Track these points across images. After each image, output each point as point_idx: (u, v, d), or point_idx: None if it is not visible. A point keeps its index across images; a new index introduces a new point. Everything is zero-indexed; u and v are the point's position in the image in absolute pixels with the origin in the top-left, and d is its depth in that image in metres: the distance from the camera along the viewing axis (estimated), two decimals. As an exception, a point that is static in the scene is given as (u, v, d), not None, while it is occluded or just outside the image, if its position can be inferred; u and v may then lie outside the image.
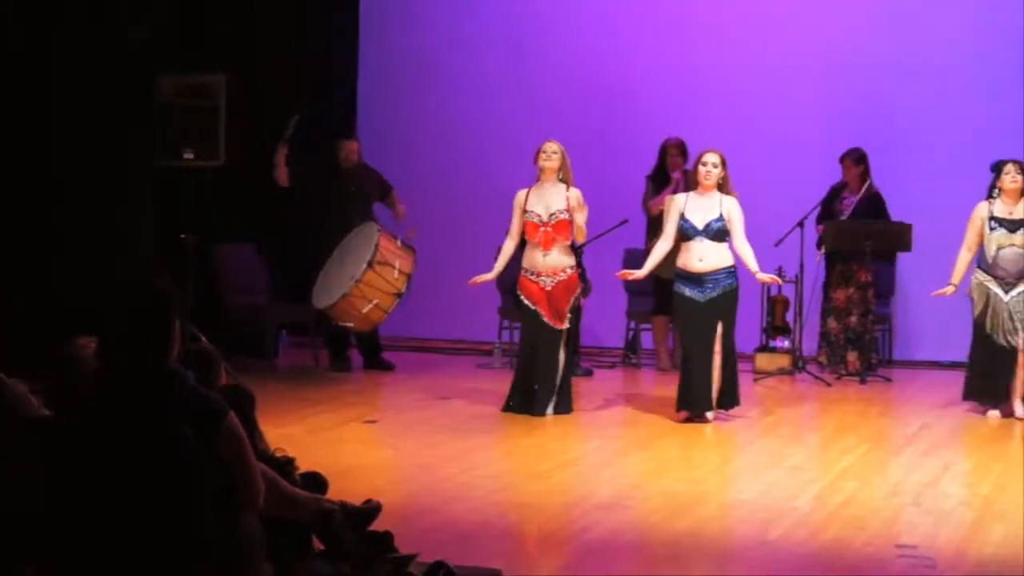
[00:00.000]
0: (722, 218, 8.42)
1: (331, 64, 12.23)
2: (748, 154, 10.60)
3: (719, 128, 11.09)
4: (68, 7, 8.92)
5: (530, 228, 8.70)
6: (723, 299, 8.44)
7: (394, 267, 9.64)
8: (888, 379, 10.49)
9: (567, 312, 8.71)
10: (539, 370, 8.68)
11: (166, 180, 9.57)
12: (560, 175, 8.72)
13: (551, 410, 8.67)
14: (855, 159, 10.69)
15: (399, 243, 9.79)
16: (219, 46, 10.63)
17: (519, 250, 8.87)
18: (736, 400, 8.61)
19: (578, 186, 8.80)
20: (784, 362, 10.67)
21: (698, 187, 8.55)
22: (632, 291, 11.02)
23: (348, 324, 9.83)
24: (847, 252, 10.55)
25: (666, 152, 10.75)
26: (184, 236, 9.39)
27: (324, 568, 4.63)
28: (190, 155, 9.29)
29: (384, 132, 12.04)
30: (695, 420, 8.47)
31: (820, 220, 10.73)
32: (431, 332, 11.96)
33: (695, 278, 8.46)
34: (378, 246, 9.62)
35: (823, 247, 10.59)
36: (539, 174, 8.76)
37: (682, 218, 8.47)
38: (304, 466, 4.93)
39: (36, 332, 6.93)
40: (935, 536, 5.86)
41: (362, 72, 12.39)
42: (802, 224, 10.57)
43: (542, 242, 8.67)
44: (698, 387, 8.45)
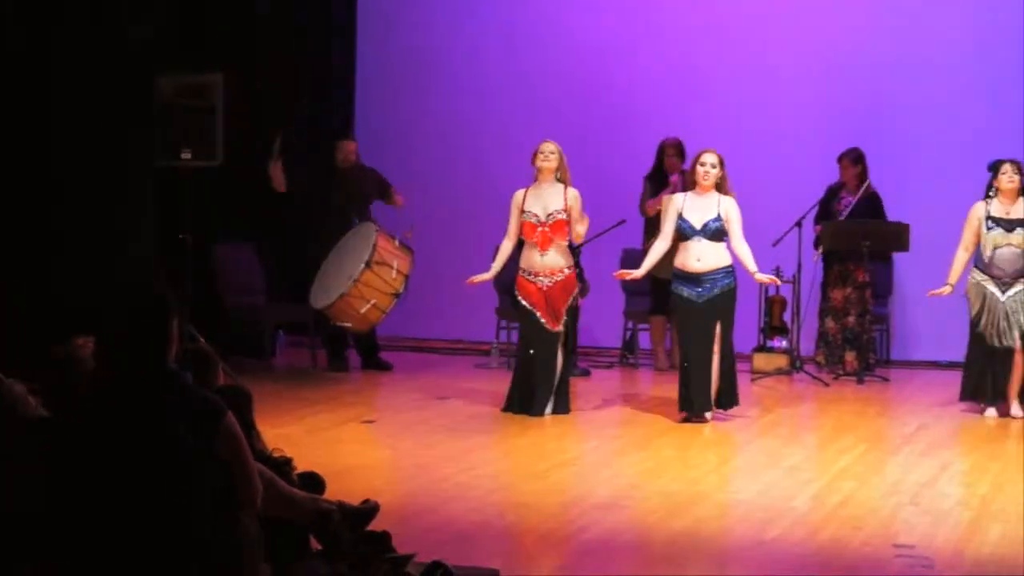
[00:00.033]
0: (720, 218, 8.42)
1: (329, 64, 12.23)
2: (746, 154, 10.60)
3: (717, 128, 11.11)
4: (68, 7, 8.91)
5: (528, 228, 8.70)
6: (721, 299, 8.44)
7: (392, 267, 9.64)
8: (886, 379, 10.50)
9: (563, 313, 8.71)
10: (537, 371, 8.68)
11: (164, 180, 9.56)
12: (558, 175, 8.73)
13: (549, 410, 8.67)
14: (853, 159, 10.69)
15: (397, 243, 9.80)
16: (217, 46, 10.62)
17: (517, 250, 8.88)
18: (735, 400, 8.62)
19: (576, 186, 8.80)
20: (782, 362, 10.67)
21: (696, 187, 8.55)
22: (629, 291, 11.02)
23: (346, 324, 9.82)
24: (844, 252, 10.56)
25: (663, 152, 10.76)
26: (182, 236, 9.39)
27: (322, 568, 4.64)
28: (188, 155, 9.28)
29: (382, 132, 12.04)
30: (694, 420, 8.47)
31: (818, 220, 10.74)
32: (429, 332, 11.96)
33: (693, 278, 8.46)
34: (376, 246, 9.62)
35: (821, 247, 10.60)
36: (537, 174, 8.76)
37: (680, 218, 8.48)
38: (302, 466, 4.93)
39: (35, 332, 6.92)
40: (933, 536, 5.86)
41: (360, 72, 12.39)
42: (800, 224, 10.57)
43: (539, 242, 8.67)
44: (697, 388, 8.45)
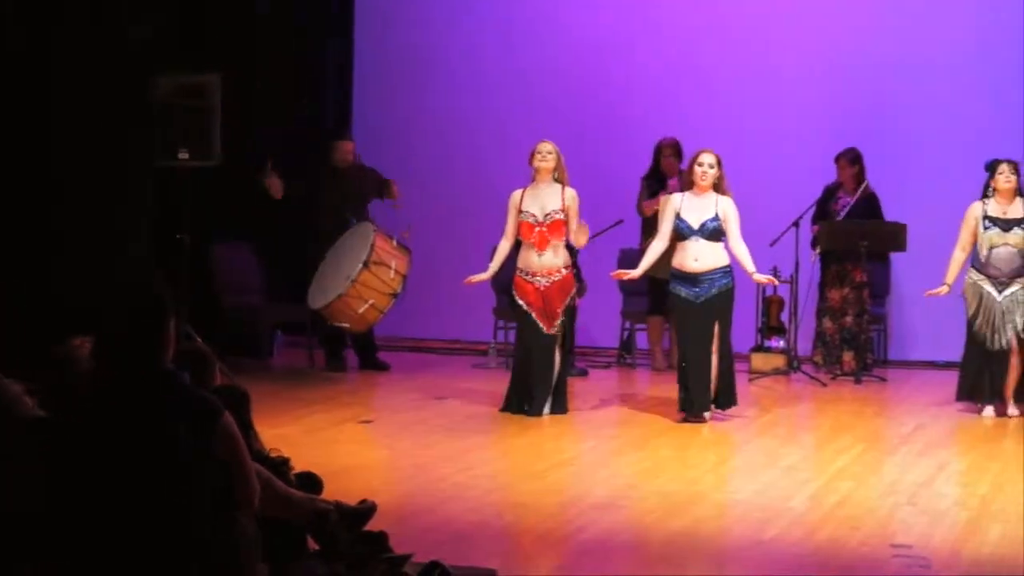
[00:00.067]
0: (718, 218, 8.42)
1: (326, 63, 12.22)
2: (745, 153, 10.62)
3: (715, 127, 11.12)
4: (68, 7, 8.92)
5: (525, 228, 8.69)
6: (719, 299, 8.44)
7: (390, 267, 9.64)
8: (883, 379, 10.50)
9: (560, 313, 8.70)
10: (535, 371, 8.67)
11: (162, 180, 9.56)
12: (555, 175, 8.72)
13: (547, 410, 8.67)
14: (850, 159, 10.68)
15: (395, 243, 9.79)
16: (213, 46, 10.62)
17: (515, 250, 8.87)
18: (734, 400, 8.61)
19: (574, 185, 8.79)
20: (779, 362, 10.67)
21: (693, 187, 8.55)
22: (627, 291, 11.02)
23: (344, 324, 9.82)
24: (842, 252, 10.55)
25: (660, 152, 10.75)
26: (180, 236, 9.38)
27: (319, 568, 4.63)
28: (185, 155, 9.28)
29: (379, 131, 12.03)
30: (692, 420, 8.47)
31: (815, 220, 10.74)
32: (427, 332, 11.96)
33: (691, 278, 8.46)
34: (374, 246, 9.62)
35: (818, 247, 10.59)
36: (534, 174, 8.76)
37: (678, 218, 8.48)
38: (299, 466, 4.93)
39: (34, 332, 6.91)
40: (930, 536, 5.86)
41: (357, 70, 12.38)
42: (797, 224, 10.58)
43: (537, 242, 8.67)
44: (696, 388, 8.45)
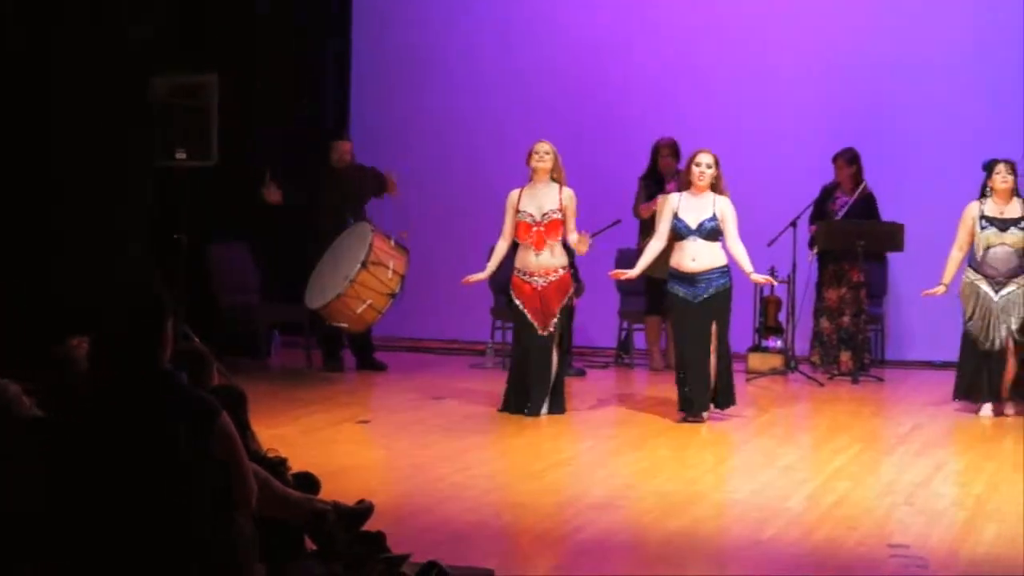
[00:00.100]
0: (715, 217, 8.43)
1: (324, 63, 12.22)
2: (742, 153, 10.62)
3: (713, 127, 11.13)
4: (68, 7, 8.92)
5: (522, 228, 8.70)
6: (717, 299, 8.44)
7: (388, 267, 9.64)
8: (880, 379, 10.50)
9: (556, 313, 8.69)
10: (532, 371, 8.67)
11: (159, 180, 9.57)
12: (553, 175, 8.73)
13: (545, 410, 8.67)
14: (848, 159, 10.69)
15: (393, 243, 9.80)
16: (213, 46, 10.62)
17: (512, 250, 8.87)
18: (732, 399, 8.62)
19: (571, 184, 8.80)
20: (777, 362, 10.67)
21: (691, 187, 8.55)
22: (624, 291, 11.02)
23: (342, 324, 9.82)
24: (839, 252, 10.56)
25: (658, 153, 10.75)
26: (177, 236, 9.38)
27: (317, 568, 4.63)
28: (182, 155, 9.28)
29: (377, 131, 12.03)
30: (691, 420, 8.48)
31: (812, 220, 10.74)
32: (424, 332, 11.96)
33: (688, 278, 8.46)
34: (372, 246, 9.62)
35: (815, 247, 10.60)
36: (531, 175, 8.76)
37: (675, 217, 8.48)
38: (297, 466, 4.93)
39: (33, 332, 6.92)
40: (927, 536, 5.86)
41: (355, 70, 12.38)
42: (795, 224, 10.58)
43: (534, 242, 8.67)
44: (695, 388, 8.46)
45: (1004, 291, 8.91)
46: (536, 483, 6.89)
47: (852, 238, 10.37)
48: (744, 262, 8.50)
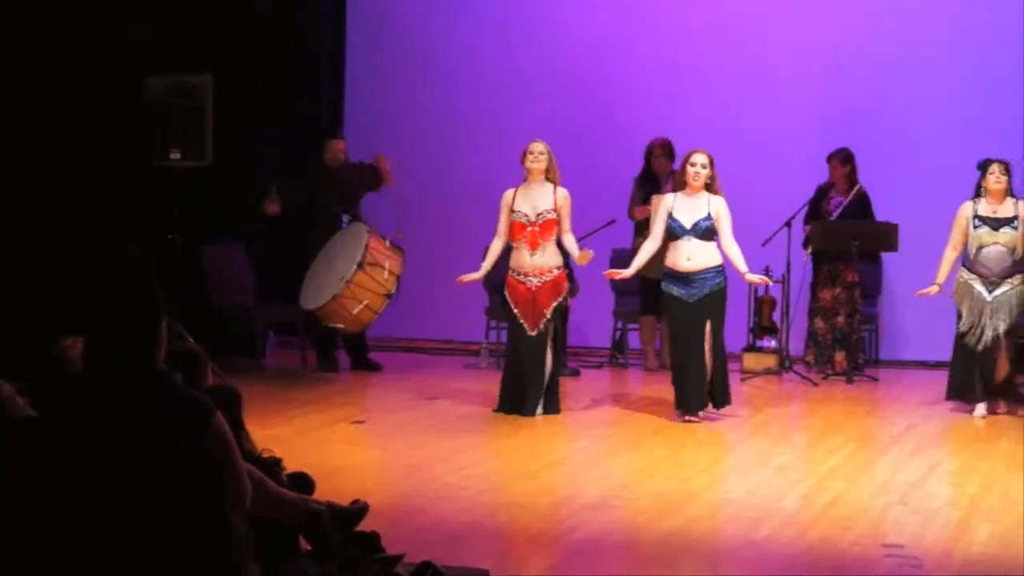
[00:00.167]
0: (710, 217, 8.44)
1: (319, 61, 12.21)
2: (737, 154, 10.62)
3: (712, 127, 11.14)
4: (68, 7, 8.92)
5: (517, 228, 8.70)
6: (711, 299, 8.45)
7: (384, 268, 9.63)
8: (874, 379, 10.51)
9: (546, 313, 8.68)
10: (527, 371, 8.68)
11: (157, 180, 9.56)
12: (547, 175, 8.73)
13: (540, 410, 8.67)
14: (842, 159, 10.69)
15: (388, 244, 9.79)
16: (213, 46, 10.62)
17: (507, 250, 8.87)
18: (727, 399, 8.62)
19: (569, 183, 8.81)
20: (771, 362, 10.68)
21: (686, 187, 8.56)
22: (619, 291, 11.02)
23: (338, 325, 9.81)
24: (834, 252, 10.57)
25: (652, 153, 10.75)
26: (172, 236, 9.38)
27: (311, 568, 4.63)
28: (177, 155, 9.27)
29: (372, 130, 12.01)
30: (688, 420, 8.48)
31: (807, 220, 10.75)
32: (419, 332, 11.95)
33: (683, 277, 8.47)
34: (368, 247, 9.61)
35: (810, 247, 10.61)
36: (526, 174, 8.77)
37: (670, 217, 8.49)
38: (291, 466, 4.93)
39: (33, 332, 6.92)
40: (922, 535, 5.87)
41: (350, 70, 12.37)
42: (789, 224, 10.59)
43: (529, 242, 8.68)
44: (690, 387, 8.47)
45: (997, 291, 8.92)
46: (531, 483, 6.89)
47: (847, 238, 10.38)
48: (739, 262, 8.51)
